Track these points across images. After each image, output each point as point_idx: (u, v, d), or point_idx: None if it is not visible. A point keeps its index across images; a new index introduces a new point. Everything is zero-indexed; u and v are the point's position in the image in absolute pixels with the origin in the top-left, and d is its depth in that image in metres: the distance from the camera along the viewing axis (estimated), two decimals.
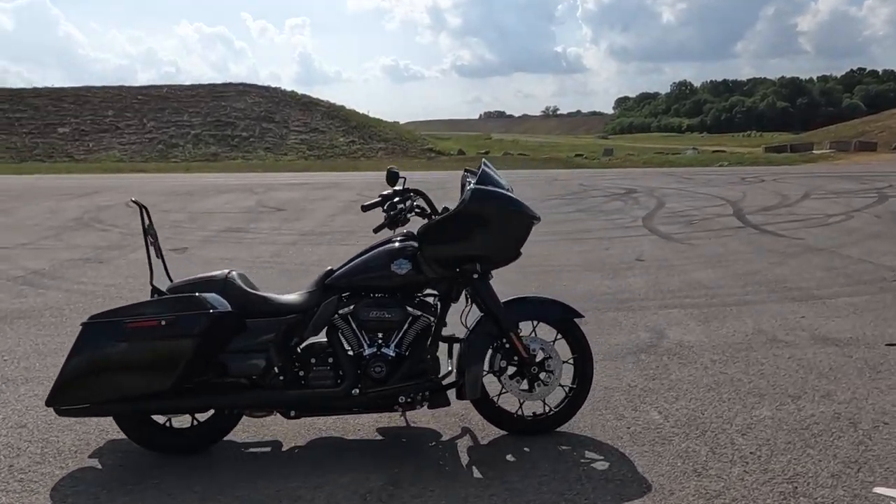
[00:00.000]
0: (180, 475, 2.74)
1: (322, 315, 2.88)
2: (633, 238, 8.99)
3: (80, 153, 36.92)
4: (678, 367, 3.92)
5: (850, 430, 3.06)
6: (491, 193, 2.90)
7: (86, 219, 12.12)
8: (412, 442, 3.05)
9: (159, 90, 44.31)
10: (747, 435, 3.02)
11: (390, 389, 2.84)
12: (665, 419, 3.21)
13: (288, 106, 43.99)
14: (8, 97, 42.02)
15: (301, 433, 3.13)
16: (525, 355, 2.98)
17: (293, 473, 2.74)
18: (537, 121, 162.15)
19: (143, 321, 2.63)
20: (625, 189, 16.69)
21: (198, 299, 2.71)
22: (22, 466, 2.82)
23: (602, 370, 3.88)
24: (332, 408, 2.89)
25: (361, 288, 2.92)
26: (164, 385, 2.64)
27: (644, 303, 5.47)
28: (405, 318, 2.90)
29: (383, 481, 2.67)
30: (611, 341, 4.45)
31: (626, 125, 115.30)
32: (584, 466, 2.77)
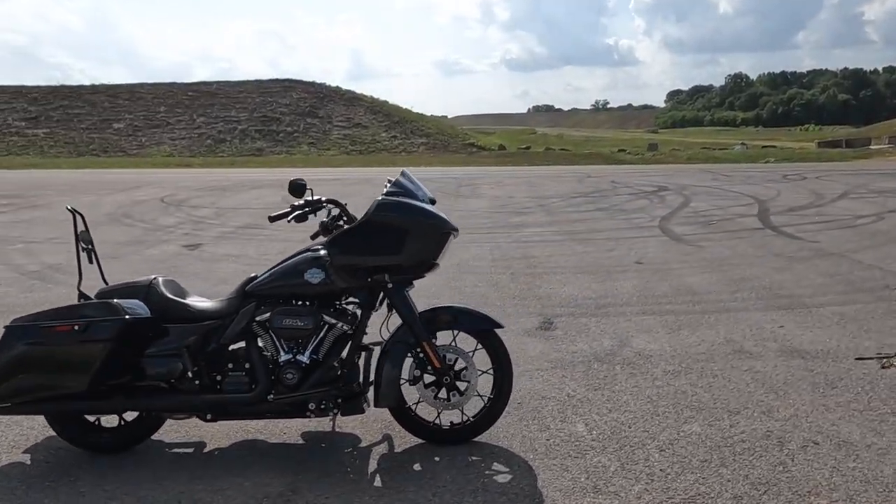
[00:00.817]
0: (97, 474, 2.86)
1: (240, 322, 2.96)
2: (642, 239, 8.84)
3: (133, 148, 38.31)
4: (626, 378, 3.86)
5: (775, 449, 2.96)
6: (396, 204, 2.92)
7: (117, 214, 12.61)
8: (330, 447, 3.10)
9: (209, 87, 45.55)
10: (665, 451, 2.97)
11: (301, 396, 2.89)
12: (589, 432, 3.17)
13: (332, 101, 44.62)
14: (68, 94, 43.91)
15: (229, 434, 3.22)
16: (438, 364, 2.99)
17: (203, 475, 2.83)
18: (586, 115, 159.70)
19: (58, 325, 2.76)
20: (656, 187, 16.37)
21: (112, 305, 2.82)
22: None
23: (548, 378, 3.86)
24: (246, 413, 2.96)
25: (279, 296, 2.98)
26: (80, 386, 2.76)
27: (623, 308, 5.39)
28: (319, 326, 2.94)
29: (283, 486, 2.73)
30: (571, 348, 4.40)
31: (677, 119, 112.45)
32: (485, 479, 2.77)
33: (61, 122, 40.46)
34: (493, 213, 11.96)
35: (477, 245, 8.52)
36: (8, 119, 40.23)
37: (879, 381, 3.71)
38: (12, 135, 38.64)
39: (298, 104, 43.16)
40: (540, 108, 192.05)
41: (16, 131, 39.00)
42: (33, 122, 40.24)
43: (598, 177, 20.30)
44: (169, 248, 8.86)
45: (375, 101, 45.61)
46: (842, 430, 3.13)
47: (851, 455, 2.89)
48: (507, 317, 5.18)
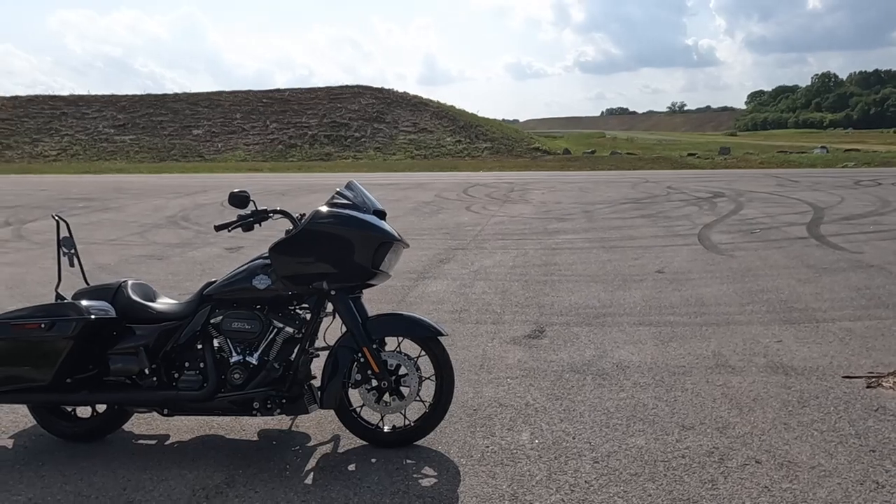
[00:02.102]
0: (62, 460, 3.13)
1: (196, 323, 3.17)
2: (674, 248, 8.63)
3: (210, 153, 40.16)
4: (592, 389, 3.84)
5: (713, 466, 2.91)
6: (331, 215, 3.05)
7: (177, 217, 13.34)
8: (279, 445, 3.26)
9: (282, 93, 47.20)
10: (599, 463, 2.96)
11: (244, 395, 3.07)
12: (531, 441, 3.20)
13: (399, 106, 45.35)
14: (153, 102, 46.47)
15: (192, 429, 3.43)
16: (378, 369, 3.10)
17: (154, 466, 3.05)
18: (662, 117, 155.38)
19: (27, 323, 3.05)
20: (712, 193, 15.86)
21: (78, 306, 3.08)
22: None
23: (514, 388, 3.90)
24: (196, 409, 3.16)
25: (233, 300, 3.17)
26: (45, 379, 3.04)
27: (621, 318, 5.33)
28: (267, 330, 3.11)
29: (221, 480, 2.90)
30: (550, 358, 4.41)
31: (759, 121, 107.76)
32: (410, 482, 2.86)
33: (146, 129, 42.87)
34: (532, 220, 11.93)
35: (503, 252, 8.56)
36: (99, 126, 42.97)
37: (857, 402, 3.56)
38: (102, 141, 41.27)
39: (366, 110, 44.11)
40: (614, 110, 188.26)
41: (105, 138, 41.62)
42: (121, 129, 42.82)
43: (655, 182, 19.82)
44: (212, 251, 9.33)
45: (441, 106, 46.05)
46: (792, 450, 3.03)
47: (790, 476, 2.81)
48: (502, 324, 5.23)
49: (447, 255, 8.32)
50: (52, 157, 38.26)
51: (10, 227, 11.85)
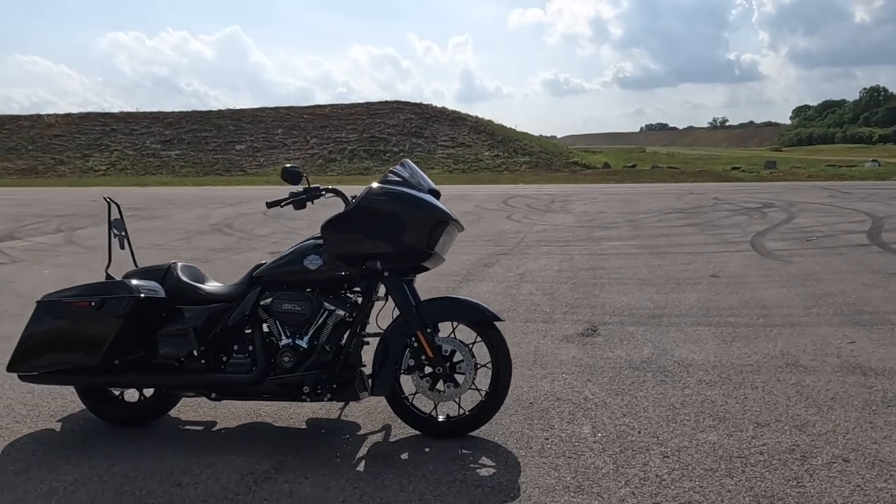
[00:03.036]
0: (110, 444, 3.05)
1: (245, 306, 3.08)
2: (727, 254, 8.32)
3: (252, 167, 40.86)
4: (653, 385, 3.63)
5: (795, 464, 2.68)
6: (386, 192, 2.93)
7: (221, 224, 13.48)
8: (328, 433, 3.13)
9: (322, 109, 47.88)
10: (669, 458, 2.76)
11: (294, 378, 2.95)
12: (593, 434, 3.01)
13: (437, 121, 45.55)
14: (198, 118, 47.59)
15: (240, 416, 3.34)
16: (432, 354, 2.96)
17: (201, 451, 2.95)
18: (703, 133, 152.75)
19: (78, 301, 2.99)
20: (761, 203, 15.39)
21: (127, 284, 3.02)
22: (3, 424, 3.29)
23: (570, 382, 3.72)
24: (244, 393, 3.06)
25: (283, 282, 3.07)
26: (94, 360, 2.97)
27: (678, 319, 5.09)
28: (318, 312, 3.00)
29: (269, 465, 2.79)
30: (606, 355, 4.21)
31: (804, 136, 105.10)
32: (467, 471, 2.70)
33: (191, 144, 43.87)
34: (576, 228, 11.69)
35: (548, 257, 8.37)
36: (146, 142, 44.13)
37: None
38: (149, 156, 42.34)
39: (405, 125, 44.40)
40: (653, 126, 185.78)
41: (152, 153, 42.71)
42: (167, 144, 43.90)
43: (701, 193, 19.35)
44: (254, 255, 9.33)
45: (479, 121, 46.10)
46: (882, 450, 2.78)
47: (884, 475, 2.56)
48: (552, 323, 5.05)
49: (491, 260, 8.16)
50: (102, 171, 39.38)
51: (62, 234, 12.10)
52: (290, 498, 2.52)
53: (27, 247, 10.40)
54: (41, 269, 8.20)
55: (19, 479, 2.71)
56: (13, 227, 13.25)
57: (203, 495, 2.55)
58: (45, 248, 10.13)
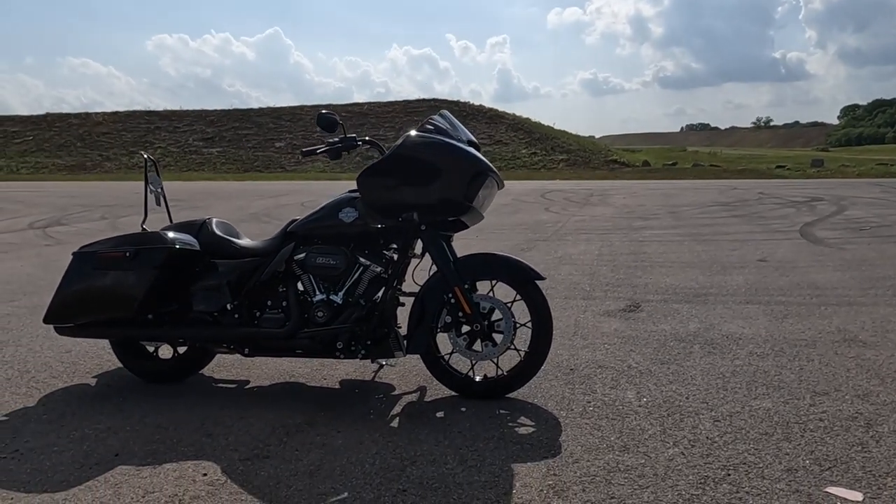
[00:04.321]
0: (141, 397, 3.02)
1: (279, 260, 3.01)
2: (775, 241, 8.02)
3: (290, 164, 41.33)
4: (701, 356, 3.46)
5: (858, 430, 2.49)
6: (424, 140, 2.83)
7: (259, 214, 13.60)
8: (362, 393, 3.05)
9: (360, 107, 48.20)
10: (721, 422, 2.60)
11: (327, 330, 2.87)
12: (638, 399, 2.86)
13: (475, 119, 45.40)
14: (239, 116, 48.37)
15: (272, 376, 3.28)
16: (469, 310, 2.85)
17: (232, 405, 2.89)
18: (746, 133, 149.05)
19: (113, 252, 2.97)
20: (808, 197, 14.90)
21: (161, 236, 2.98)
22: (40, 379, 3.29)
23: (613, 351, 3.57)
24: (277, 347, 2.99)
25: (317, 237, 3.00)
26: (128, 312, 2.94)
27: (725, 298, 4.88)
28: (353, 267, 2.92)
29: (301, 420, 2.71)
30: (650, 328, 4.04)
31: (853, 136, 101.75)
32: (506, 429, 2.58)
33: (232, 141, 44.61)
34: (616, 218, 11.45)
35: (587, 243, 8.18)
36: (189, 139, 45.04)
37: None
38: (192, 153, 43.20)
39: None
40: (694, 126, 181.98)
41: (195, 150, 43.56)
42: (209, 141, 44.72)
43: (745, 189, 18.83)
44: None
45: (517, 119, 45.82)
46: None
47: None
48: (592, 300, 4.89)
49: (528, 245, 8.01)
50: None
51: (106, 221, 12.36)
52: (322, 449, 2.43)
53: (72, 231, 10.63)
54: None
55: (52, 427, 2.68)
56: (60, 214, 13.59)
57: (233, 444, 2.49)
58: (88, 233, 10.33)
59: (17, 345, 3.90)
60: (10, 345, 3.90)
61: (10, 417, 2.80)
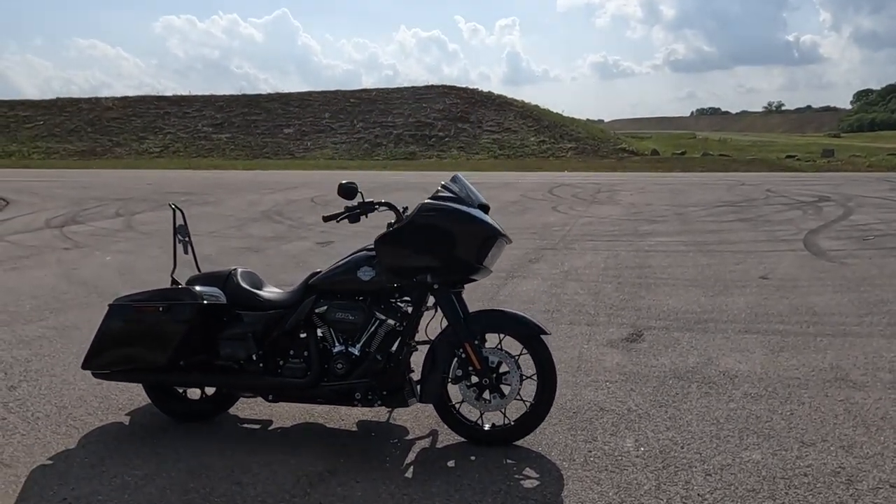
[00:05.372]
0: (175, 439, 3.25)
1: (301, 312, 3.22)
2: (778, 253, 8.17)
3: (299, 151, 41.47)
4: (698, 397, 3.65)
5: (840, 487, 2.69)
6: (440, 208, 3.01)
7: (271, 212, 13.81)
8: (378, 437, 3.27)
9: (369, 94, 48.15)
10: (712, 476, 2.80)
11: (347, 385, 3.09)
12: (636, 448, 3.07)
13: (483, 106, 45.33)
14: (247, 102, 48.43)
15: (294, 416, 3.50)
16: (479, 366, 3.05)
17: (259, 450, 3.12)
18: (757, 118, 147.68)
19: (147, 306, 3.19)
20: (816, 196, 14.97)
21: (193, 291, 3.19)
22: (77, 415, 3.53)
23: (613, 392, 3.76)
24: (300, 396, 3.22)
25: (337, 290, 3.20)
26: (161, 361, 3.17)
27: (725, 325, 5.06)
28: (369, 321, 3.13)
29: (324, 467, 2.94)
30: (651, 362, 4.24)
31: (865, 122, 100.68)
32: (511, 482, 2.79)
33: (241, 127, 44.73)
34: (622, 221, 11.59)
35: (594, 253, 8.35)
36: (199, 125, 45.19)
37: None
38: (201, 139, 43.38)
39: (451, 109, 44.33)
40: (705, 111, 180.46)
41: (204, 136, 43.73)
42: (218, 127, 44.87)
43: (753, 185, 18.88)
44: (304, 245, 9.58)
45: (526, 106, 45.69)
46: None
47: None
48: (596, 326, 5.08)
49: (536, 255, 8.19)
50: (156, 153, 40.56)
51: (121, 218, 12.60)
52: (343, 501, 2.65)
53: (89, 231, 10.87)
54: (103, 256, 8.59)
55: (95, 472, 2.92)
56: (76, 210, 13.84)
57: (262, 495, 2.71)
58: (105, 234, 10.58)
59: (51, 375, 4.14)
60: (44, 374, 4.14)
61: (54, 461, 3.03)
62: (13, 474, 2.90)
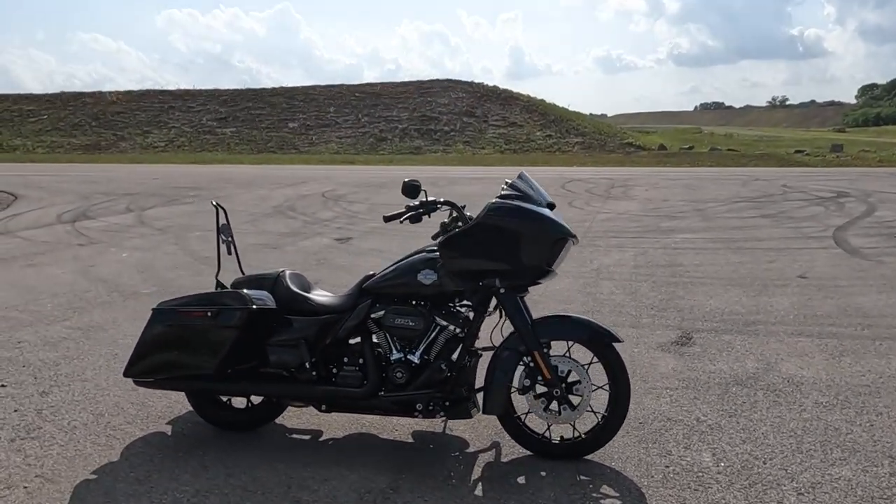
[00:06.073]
0: (222, 450, 3.07)
1: (355, 318, 3.03)
2: (810, 251, 7.97)
3: (304, 145, 41.25)
4: (768, 406, 3.47)
5: None
6: (508, 208, 2.83)
7: (283, 207, 13.62)
8: (437, 449, 3.09)
9: (374, 88, 47.89)
10: (805, 495, 2.62)
11: (408, 396, 2.91)
12: (716, 463, 2.89)
13: (489, 100, 45.07)
14: (252, 96, 48.20)
15: (344, 425, 3.32)
16: (549, 376, 2.87)
17: (313, 463, 2.94)
18: (761, 112, 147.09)
19: (194, 311, 3.00)
20: (835, 192, 14.75)
21: (242, 295, 3.00)
22: (116, 424, 3.35)
23: (676, 400, 3.58)
24: (356, 407, 3.03)
25: (393, 294, 3.01)
26: (209, 368, 2.98)
27: (775, 327, 4.88)
28: (430, 327, 2.94)
29: (386, 483, 2.76)
30: (708, 368, 4.06)
31: (870, 117, 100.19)
32: (589, 501, 2.61)
33: (246, 121, 44.49)
34: (642, 217, 11.40)
35: (620, 250, 8.16)
36: (203, 119, 44.95)
37: None
38: (206, 133, 43.14)
39: (456, 104, 44.08)
40: (708, 105, 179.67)
41: (208, 130, 43.50)
42: (223, 121, 44.63)
43: (768, 180, 18.66)
44: (322, 241, 9.39)
45: (531, 100, 45.42)
46: None
47: None
48: (641, 328, 4.90)
49: None
50: (161, 147, 40.34)
51: (133, 214, 12.42)
52: None
53: (101, 227, 10.70)
54: (119, 252, 8.41)
55: (143, 488, 2.74)
56: (85, 205, 13.66)
57: None
58: (118, 230, 10.40)
59: (83, 379, 3.96)
60: (76, 379, 3.96)
61: (98, 476, 2.85)
62: (56, 490, 2.73)
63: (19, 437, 3.20)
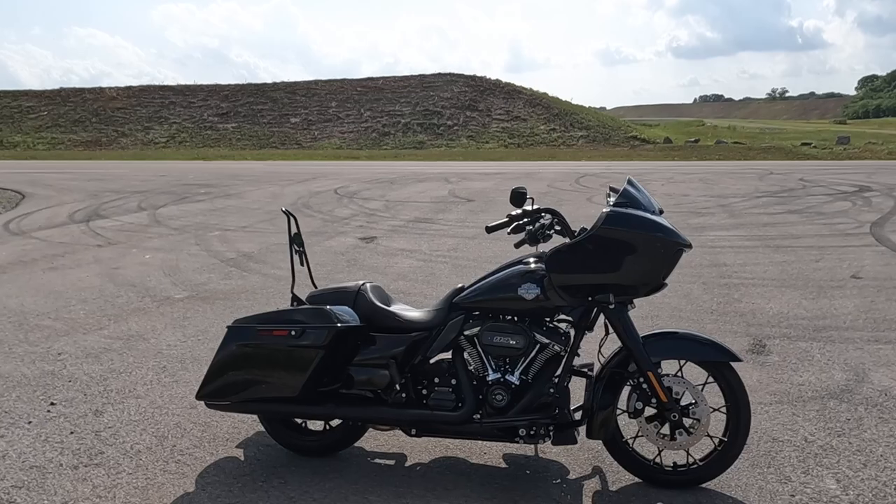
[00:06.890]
0: (304, 477, 2.85)
1: (447, 334, 2.81)
2: (852, 249, 7.77)
3: (306, 141, 40.94)
4: (876, 424, 3.26)
5: None
6: (628, 217, 2.60)
7: (298, 204, 13.38)
8: (533, 475, 2.87)
9: (376, 82, 47.52)
10: None
11: (510, 421, 2.69)
12: (844, 490, 2.68)
13: (492, 94, 44.78)
14: (253, 91, 47.81)
15: (428, 449, 3.10)
16: (665, 398, 2.65)
17: (406, 493, 2.72)
18: (760, 104, 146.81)
19: (275, 329, 2.77)
20: (856, 186, 14.55)
21: (327, 313, 2.77)
22: (182, 448, 3.13)
23: (775, 416, 3.37)
24: (451, 432, 2.81)
25: (489, 309, 2.79)
26: (294, 390, 2.76)
27: (849, 333, 4.67)
28: (531, 346, 2.72)
29: None
30: (795, 379, 3.84)
31: (871, 108, 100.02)
32: None
33: (247, 117, 44.13)
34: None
35: None
36: (204, 115, 44.57)
37: None
38: (207, 129, 42.78)
39: (459, 98, 43.77)
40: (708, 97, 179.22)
41: (210, 126, 43.14)
42: (224, 117, 44.26)
43: (783, 173, 18.45)
44: (347, 241, 9.15)
45: (535, 94, 45.13)
46: None
47: None
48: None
49: None
50: (163, 143, 39.99)
51: (146, 212, 12.16)
52: None
53: (116, 227, 10.45)
54: (140, 254, 8.17)
55: None
56: (96, 203, 13.40)
57: None
58: (134, 229, 10.15)
59: (135, 396, 3.74)
60: (128, 396, 3.74)
61: None
62: None
63: (82, 464, 2.97)
